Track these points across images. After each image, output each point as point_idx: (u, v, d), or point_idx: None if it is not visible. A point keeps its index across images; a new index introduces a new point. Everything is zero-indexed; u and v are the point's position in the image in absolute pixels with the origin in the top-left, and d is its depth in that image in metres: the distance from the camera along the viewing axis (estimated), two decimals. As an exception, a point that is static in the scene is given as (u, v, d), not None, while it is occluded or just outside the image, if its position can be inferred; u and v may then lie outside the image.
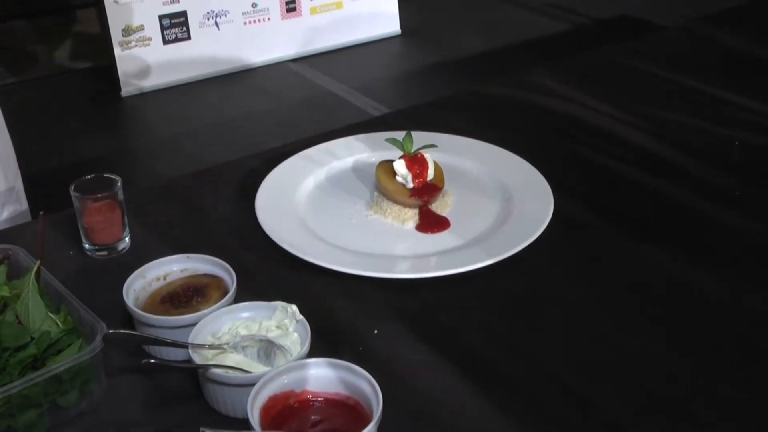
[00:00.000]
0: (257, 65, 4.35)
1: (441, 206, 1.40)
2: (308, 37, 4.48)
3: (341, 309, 1.19)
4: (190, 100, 4.03)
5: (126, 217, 1.30)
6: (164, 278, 1.18)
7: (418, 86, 4.19)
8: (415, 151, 1.40)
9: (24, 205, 1.65)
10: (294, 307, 1.07)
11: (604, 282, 1.25)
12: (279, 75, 4.30)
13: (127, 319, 1.13)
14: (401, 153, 1.40)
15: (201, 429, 0.87)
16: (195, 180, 1.55)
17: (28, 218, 1.63)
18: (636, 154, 1.58)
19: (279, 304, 1.08)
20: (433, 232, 1.35)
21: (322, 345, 1.06)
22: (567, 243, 1.33)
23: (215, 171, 1.57)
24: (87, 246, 1.30)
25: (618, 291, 1.23)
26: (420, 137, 1.43)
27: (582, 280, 1.26)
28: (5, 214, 1.59)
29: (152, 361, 1.03)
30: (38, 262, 1.08)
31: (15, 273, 1.12)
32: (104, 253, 1.29)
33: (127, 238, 1.31)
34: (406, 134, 1.42)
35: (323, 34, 4.52)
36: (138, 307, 1.11)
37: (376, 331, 1.15)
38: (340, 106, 3.91)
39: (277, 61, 4.40)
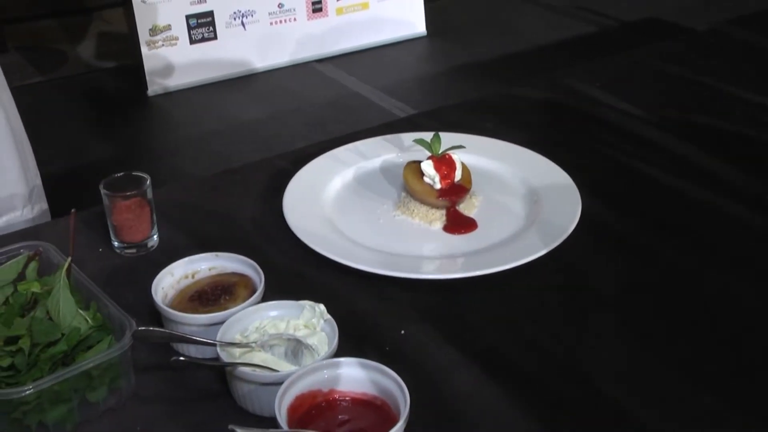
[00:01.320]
0: (283, 65, 4.36)
1: (468, 207, 1.40)
2: (334, 37, 4.48)
3: (368, 309, 1.19)
4: (216, 99, 4.05)
5: (155, 215, 1.31)
6: (193, 276, 1.18)
7: (443, 87, 4.18)
8: (443, 152, 1.40)
9: (44, 203, 1.67)
10: (322, 307, 1.07)
11: (631, 285, 1.25)
12: (304, 75, 4.30)
13: (156, 316, 1.14)
14: (429, 154, 1.40)
15: (230, 427, 0.87)
16: (223, 179, 1.56)
17: (49, 217, 1.65)
18: (665, 157, 1.57)
19: (307, 303, 1.08)
20: (460, 233, 1.35)
21: (349, 345, 1.06)
22: (594, 245, 1.32)
23: (243, 170, 1.57)
24: (116, 243, 1.31)
25: (646, 294, 1.23)
26: (448, 138, 1.43)
27: (609, 282, 1.25)
28: (27, 214, 1.61)
29: (181, 358, 1.04)
30: (69, 259, 1.09)
31: (46, 270, 1.13)
32: (133, 250, 1.30)
33: (155, 236, 1.32)
34: (434, 135, 1.42)
35: (349, 34, 4.52)
36: (166, 305, 1.12)
37: (402, 332, 1.15)
38: (366, 107, 3.91)
39: (303, 61, 4.41)
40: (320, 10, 4.45)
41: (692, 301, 1.21)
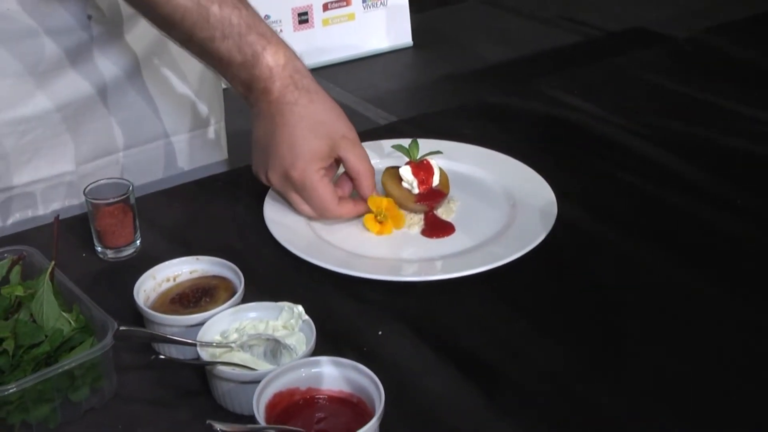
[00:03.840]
0: (270, 76, 4.37)
1: (446, 212, 1.42)
2: (320, 48, 4.50)
3: (346, 310, 1.22)
4: (204, 110, 4.05)
5: (137, 221, 1.33)
6: (174, 279, 1.20)
7: (429, 97, 4.21)
8: (421, 158, 1.42)
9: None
10: (300, 308, 1.09)
11: (605, 288, 1.27)
12: (291, 86, 4.31)
13: (138, 319, 1.16)
14: (407, 159, 1.43)
15: (207, 422, 0.89)
16: (205, 184, 1.57)
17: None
18: (643, 164, 1.59)
19: (285, 304, 1.10)
20: (437, 237, 1.38)
21: (327, 345, 1.08)
22: (569, 250, 1.35)
23: (226, 175, 1.59)
24: (99, 248, 1.33)
25: (619, 297, 1.25)
26: (426, 144, 1.46)
27: (583, 286, 1.27)
28: None
29: (161, 357, 1.06)
30: (52, 263, 1.11)
31: (29, 273, 1.15)
32: (116, 255, 1.32)
33: (138, 241, 1.34)
34: (412, 141, 1.44)
35: (335, 45, 4.55)
36: (148, 308, 1.14)
37: (380, 332, 1.17)
38: (352, 117, 3.86)
39: (290, 72, 4.42)
40: (306, 21, 4.48)
41: (671, 306, 1.23)
